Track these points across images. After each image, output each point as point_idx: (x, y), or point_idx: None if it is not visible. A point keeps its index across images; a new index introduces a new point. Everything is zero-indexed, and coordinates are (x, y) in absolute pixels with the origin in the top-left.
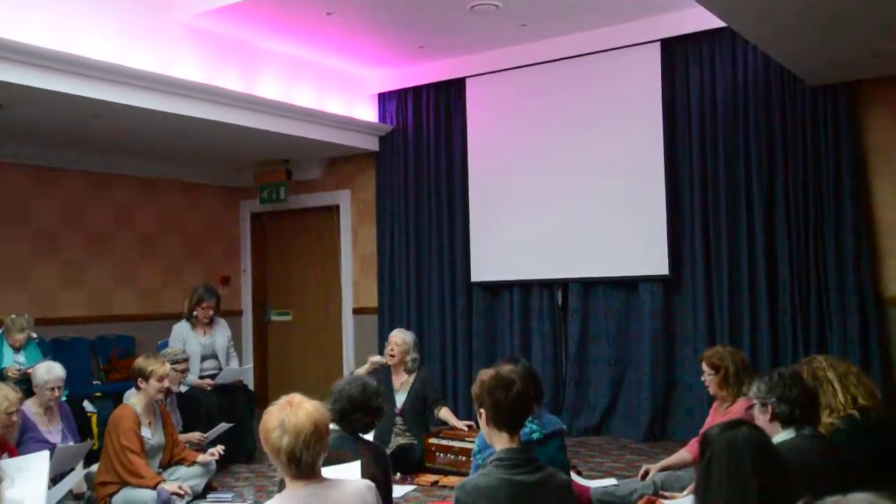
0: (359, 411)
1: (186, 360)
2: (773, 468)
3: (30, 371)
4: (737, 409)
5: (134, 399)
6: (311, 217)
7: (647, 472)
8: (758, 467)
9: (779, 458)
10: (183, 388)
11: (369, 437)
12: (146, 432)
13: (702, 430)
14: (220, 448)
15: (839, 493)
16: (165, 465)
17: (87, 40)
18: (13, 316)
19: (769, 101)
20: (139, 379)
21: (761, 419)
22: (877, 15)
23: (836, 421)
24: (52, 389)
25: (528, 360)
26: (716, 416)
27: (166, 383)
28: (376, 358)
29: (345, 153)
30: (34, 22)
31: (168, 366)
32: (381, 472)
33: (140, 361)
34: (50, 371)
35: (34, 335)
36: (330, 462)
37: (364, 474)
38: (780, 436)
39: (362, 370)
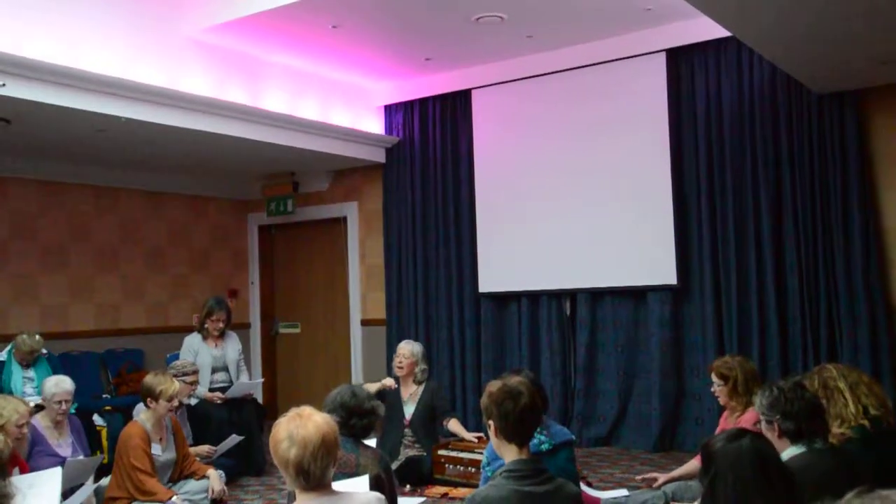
0: (355, 416)
1: (195, 372)
2: (779, 481)
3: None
4: (747, 419)
5: (144, 416)
6: (319, 229)
7: (653, 479)
8: (762, 482)
9: (784, 470)
10: (193, 401)
11: (372, 443)
12: (156, 449)
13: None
14: (223, 489)
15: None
16: (175, 480)
17: (94, 55)
18: (24, 336)
19: (775, 109)
20: (148, 398)
21: (770, 436)
22: (882, 24)
23: (847, 431)
24: (60, 403)
25: (536, 370)
26: (726, 426)
27: (176, 402)
28: (388, 381)
29: (351, 165)
30: (41, 37)
31: (177, 384)
32: (385, 472)
33: (149, 380)
34: (58, 384)
35: (44, 351)
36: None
37: (369, 473)
38: (791, 450)
39: (373, 388)
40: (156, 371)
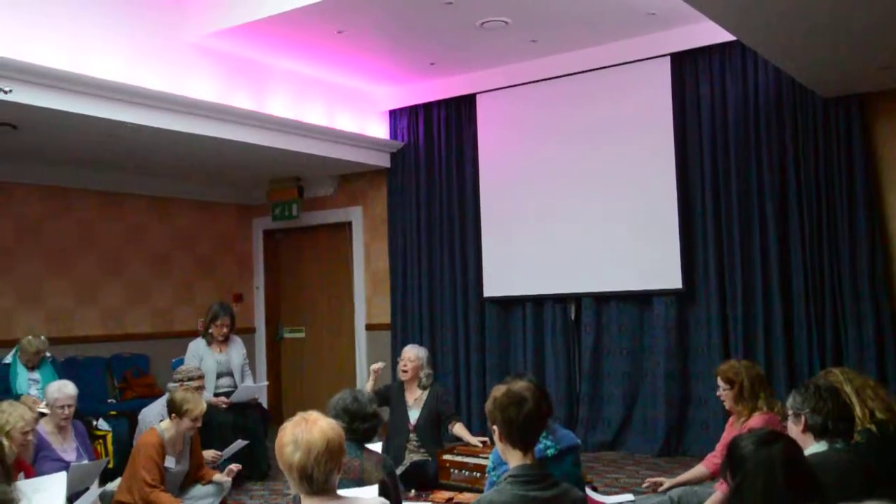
0: (358, 419)
1: (201, 377)
2: (810, 491)
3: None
4: (753, 424)
5: (164, 425)
6: (324, 234)
7: (657, 483)
8: (793, 492)
9: (814, 477)
10: None
11: (377, 447)
12: (170, 461)
13: (720, 444)
14: (236, 466)
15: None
16: (184, 487)
17: (99, 61)
18: (30, 337)
19: (780, 113)
20: (173, 414)
21: (794, 429)
22: (886, 29)
23: (854, 435)
24: (63, 408)
25: (541, 375)
26: (732, 431)
27: (199, 423)
28: (376, 365)
29: (356, 170)
30: (47, 43)
31: (205, 405)
32: (389, 477)
33: (179, 396)
34: (60, 390)
35: (48, 354)
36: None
37: (372, 479)
38: (813, 447)
39: (368, 386)
40: (187, 387)
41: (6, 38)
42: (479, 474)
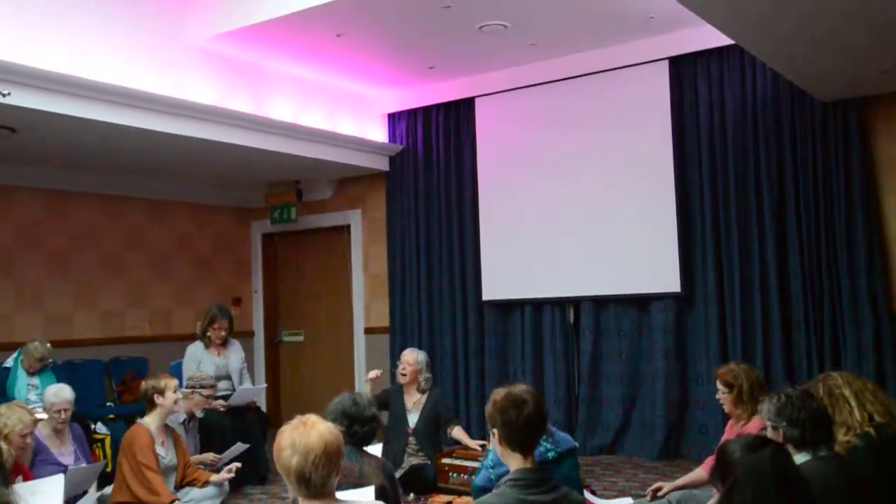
0: (357, 423)
1: (213, 386)
2: (798, 494)
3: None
4: (752, 427)
5: (147, 418)
6: (322, 237)
7: (658, 489)
8: (782, 495)
9: (804, 482)
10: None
11: (377, 451)
12: (160, 451)
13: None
14: (236, 464)
15: None
16: (178, 486)
17: (99, 65)
18: (36, 343)
19: (779, 116)
20: (155, 395)
21: None
22: (885, 33)
23: (853, 439)
24: (59, 412)
25: (540, 378)
26: (731, 434)
27: (180, 393)
28: (372, 374)
29: (355, 173)
30: (46, 46)
31: (175, 379)
32: (389, 481)
33: (150, 382)
34: (57, 394)
35: (50, 360)
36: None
37: (374, 484)
38: (796, 459)
39: (366, 392)
40: (148, 377)
41: (5, 40)
42: None
